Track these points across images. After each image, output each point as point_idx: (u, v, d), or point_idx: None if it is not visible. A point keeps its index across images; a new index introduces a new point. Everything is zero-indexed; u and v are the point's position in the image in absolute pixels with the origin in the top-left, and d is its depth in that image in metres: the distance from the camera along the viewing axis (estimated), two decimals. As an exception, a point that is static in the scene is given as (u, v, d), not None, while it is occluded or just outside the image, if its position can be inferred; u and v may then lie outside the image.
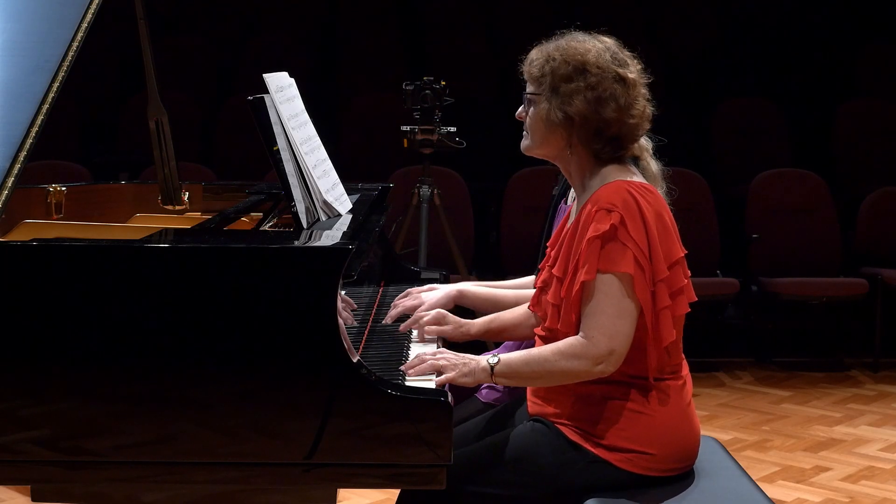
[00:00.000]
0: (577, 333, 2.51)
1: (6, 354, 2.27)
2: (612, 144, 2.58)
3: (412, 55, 8.49)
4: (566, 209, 2.90)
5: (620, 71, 2.56)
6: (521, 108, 2.66)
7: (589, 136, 2.57)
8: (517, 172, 6.67)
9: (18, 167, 2.62)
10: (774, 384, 6.32)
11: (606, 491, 2.52)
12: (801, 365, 6.69)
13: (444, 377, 2.48)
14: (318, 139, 3.07)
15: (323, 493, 2.33)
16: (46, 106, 2.71)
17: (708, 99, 8.05)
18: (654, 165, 3.10)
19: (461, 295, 3.01)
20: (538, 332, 2.70)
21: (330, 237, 2.64)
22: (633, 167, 2.64)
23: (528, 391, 2.71)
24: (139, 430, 2.27)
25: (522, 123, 2.67)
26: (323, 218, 2.87)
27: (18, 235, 3.10)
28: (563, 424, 2.57)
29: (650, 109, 2.63)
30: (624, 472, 2.53)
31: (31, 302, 2.27)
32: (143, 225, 3.24)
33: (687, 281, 2.59)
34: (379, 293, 3.30)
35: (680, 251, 2.57)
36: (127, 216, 3.57)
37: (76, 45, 2.82)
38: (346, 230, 2.70)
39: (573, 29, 2.67)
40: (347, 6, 9.06)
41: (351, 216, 2.92)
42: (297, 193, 2.78)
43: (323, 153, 3.07)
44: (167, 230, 2.87)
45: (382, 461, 2.27)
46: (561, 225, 2.77)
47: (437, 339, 2.84)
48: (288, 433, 2.26)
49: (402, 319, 2.94)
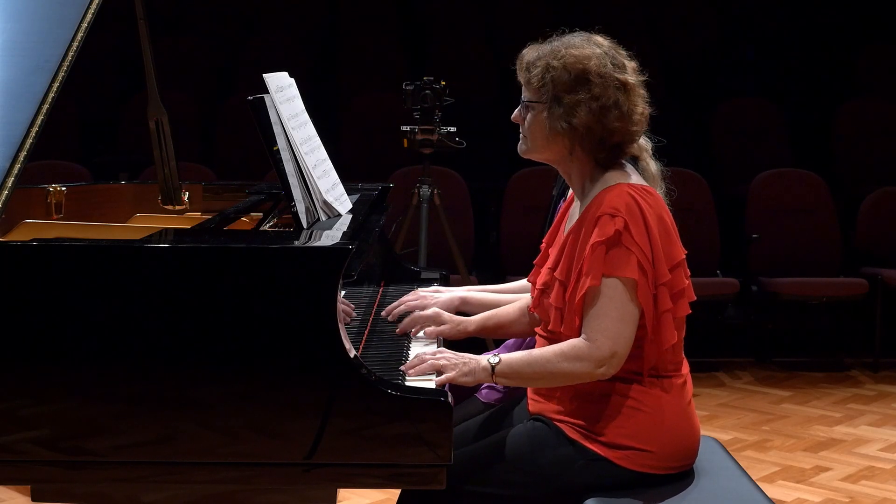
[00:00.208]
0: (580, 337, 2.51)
1: (6, 354, 2.27)
2: (614, 150, 2.58)
3: (412, 55, 8.49)
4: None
5: (621, 77, 2.55)
6: (517, 110, 2.65)
7: (593, 144, 2.57)
8: (517, 172, 6.67)
9: (18, 167, 2.62)
10: (774, 384, 6.32)
11: (606, 490, 2.52)
12: (801, 365, 6.69)
13: (444, 377, 2.48)
14: (318, 139, 3.07)
15: (323, 493, 2.33)
16: (46, 106, 2.71)
17: (708, 99, 8.05)
18: (653, 166, 3.09)
19: (464, 302, 3.01)
20: (539, 332, 2.70)
21: (330, 237, 2.64)
22: (629, 167, 2.64)
23: (528, 389, 2.71)
24: (139, 430, 2.27)
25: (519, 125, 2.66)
26: (323, 218, 2.87)
27: (18, 235, 3.10)
28: (562, 422, 2.58)
29: (648, 110, 2.62)
30: (624, 469, 2.53)
31: (31, 302, 2.27)
32: (143, 225, 3.24)
33: (688, 282, 2.59)
34: (379, 293, 3.30)
35: (681, 252, 2.57)
36: (127, 216, 3.57)
37: (76, 45, 2.82)
38: (346, 230, 2.70)
39: (566, 30, 2.65)
40: (347, 6, 9.06)
41: (351, 216, 2.92)
42: (297, 193, 2.78)
43: (323, 153, 3.07)
44: (167, 230, 2.87)
45: (382, 461, 2.28)
46: (556, 223, 2.77)
47: (436, 338, 2.84)
48: (288, 433, 2.26)
49: (401, 318, 2.94)
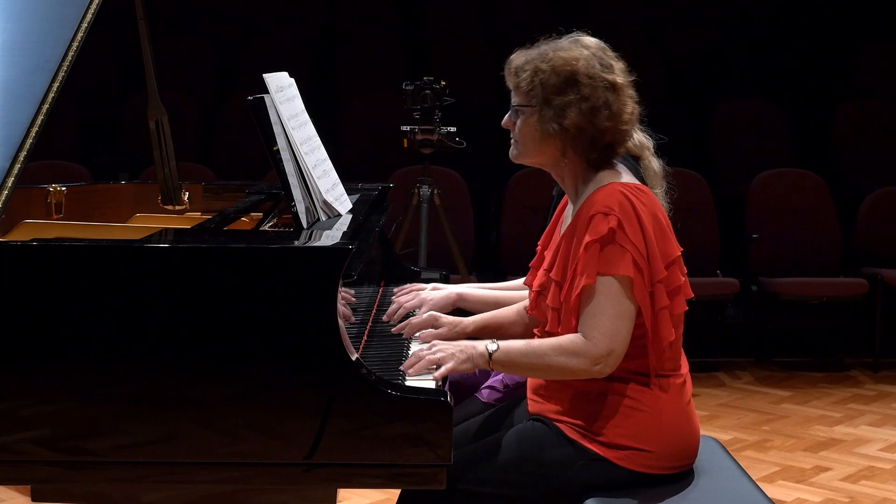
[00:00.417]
0: None
1: (6, 354, 2.27)
2: (606, 150, 2.58)
3: (412, 55, 8.49)
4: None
5: (609, 77, 2.55)
6: (507, 116, 2.65)
7: (584, 145, 2.57)
8: (517, 172, 6.66)
9: (18, 167, 2.62)
10: (774, 384, 6.32)
11: (606, 490, 2.52)
12: (801, 365, 6.69)
13: (443, 369, 2.48)
14: (318, 139, 3.07)
15: (323, 493, 2.33)
16: (46, 106, 2.71)
17: (708, 99, 8.05)
18: (655, 164, 3.09)
19: (461, 299, 3.01)
20: (537, 334, 2.70)
21: (330, 237, 2.64)
22: (621, 167, 2.64)
23: (527, 389, 2.72)
24: (139, 430, 2.27)
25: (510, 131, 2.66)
26: (323, 218, 2.87)
27: (18, 235, 3.10)
28: (562, 422, 2.58)
29: (638, 109, 2.62)
30: (623, 469, 2.53)
31: (31, 302, 2.27)
32: (143, 225, 3.24)
33: (684, 279, 2.59)
34: (379, 293, 3.30)
35: (676, 250, 2.58)
36: (127, 216, 3.57)
37: (76, 45, 2.82)
38: (346, 230, 2.70)
39: (554, 34, 2.65)
40: (347, 6, 9.06)
41: (351, 216, 2.92)
42: (297, 193, 2.78)
43: (323, 153, 3.07)
44: (167, 230, 2.87)
45: (382, 461, 2.28)
46: (552, 225, 2.77)
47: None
48: (288, 433, 2.26)
49: (402, 319, 2.94)
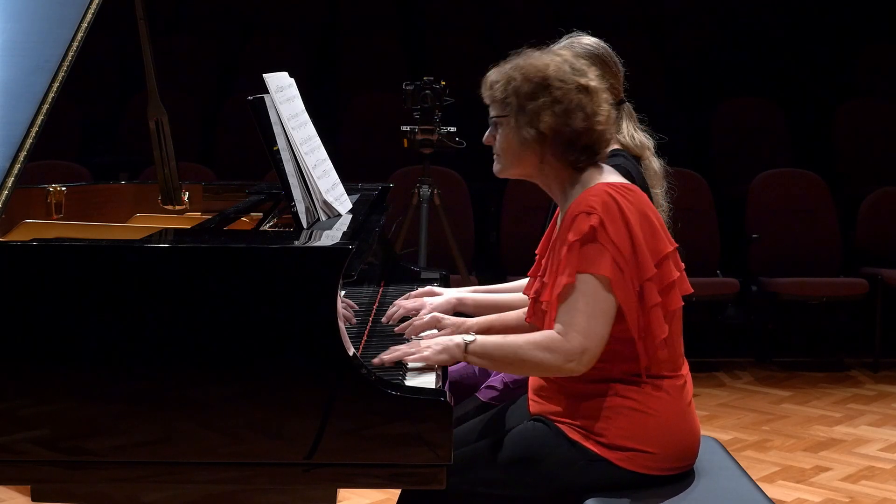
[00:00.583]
0: None
1: (6, 354, 2.27)
2: (586, 152, 2.59)
3: (412, 55, 8.49)
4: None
5: (582, 80, 2.57)
6: (487, 132, 2.66)
7: (562, 148, 2.58)
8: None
9: (18, 167, 2.62)
10: (774, 384, 6.32)
11: (606, 490, 2.52)
12: (801, 365, 6.69)
13: (417, 356, 2.50)
14: (318, 139, 3.07)
15: (323, 493, 2.33)
16: (46, 106, 2.71)
17: (708, 99, 8.05)
18: (655, 164, 3.10)
19: (461, 303, 3.02)
20: None
21: (330, 237, 2.64)
22: (607, 168, 2.65)
23: (529, 389, 2.71)
24: (139, 430, 2.27)
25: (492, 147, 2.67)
26: (323, 218, 2.87)
27: (18, 235, 3.10)
28: (563, 423, 2.58)
29: (614, 113, 2.64)
30: (624, 470, 2.53)
31: (31, 302, 2.27)
32: (143, 225, 3.24)
33: (679, 274, 2.59)
34: (379, 293, 3.30)
35: (668, 246, 2.57)
36: (127, 216, 3.57)
37: (76, 45, 2.82)
38: (346, 230, 2.70)
39: (527, 46, 2.67)
40: (347, 6, 9.06)
41: (351, 216, 2.92)
42: (297, 193, 2.78)
43: (323, 153, 3.07)
44: (167, 230, 2.87)
45: (382, 461, 2.28)
46: (548, 233, 2.77)
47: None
48: (288, 433, 2.26)
49: (402, 320, 2.94)
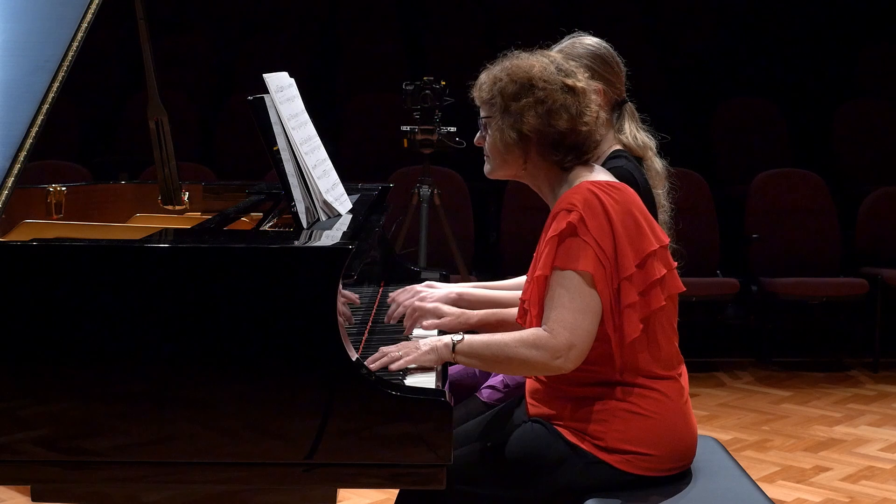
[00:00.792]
0: None
1: (6, 354, 2.27)
2: (573, 153, 2.59)
3: (412, 55, 8.49)
4: None
5: (568, 81, 2.58)
6: (478, 134, 2.68)
7: (547, 149, 2.58)
8: (517, 172, 6.66)
9: (18, 167, 2.62)
10: (774, 384, 6.32)
11: (605, 491, 2.52)
12: (801, 365, 6.70)
13: (402, 361, 2.49)
14: (318, 139, 3.07)
15: (323, 493, 2.33)
16: (46, 106, 2.71)
17: (708, 99, 8.06)
18: (657, 164, 3.09)
19: (460, 298, 3.01)
20: None
21: (330, 237, 2.64)
22: (598, 167, 2.65)
23: (526, 392, 2.71)
24: (139, 430, 2.27)
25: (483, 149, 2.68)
26: (323, 218, 2.87)
27: (18, 235, 3.10)
28: (561, 426, 2.57)
29: (604, 114, 2.64)
30: (623, 472, 2.53)
31: (31, 302, 2.27)
32: (143, 225, 3.24)
33: (666, 271, 2.57)
34: (379, 293, 3.30)
35: (653, 244, 2.54)
36: (127, 216, 3.56)
37: (76, 44, 2.82)
38: (346, 230, 2.70)
39: (513, 48, 2.68)
40: (347, 6, 9.07)
41: (351, 216, 2.92)
42: (297, 193, 2.78)
43: (323, 153, 3.07)
44: (167, 230, 2.87)
45: (382, 461, 2.27)
46: (543, 234, 2.77)
47: (435, 331, 2.83)
48: (288, 433, 2.26)
49: (402, 320, 2.93)
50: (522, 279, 3.13)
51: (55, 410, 2.27)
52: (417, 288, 3.02)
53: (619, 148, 3.01)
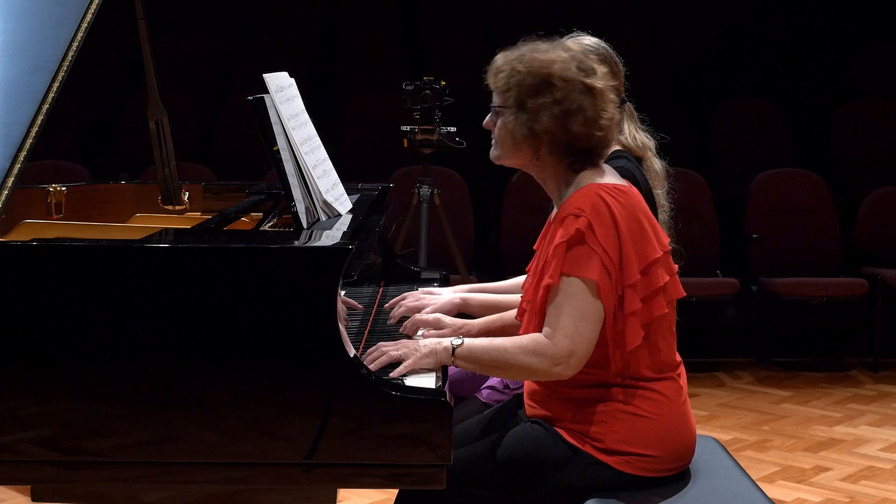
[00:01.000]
0: None
1: (6, 354, 2.27)
2: (584, 156, 2.56)
3: (412, 55, 8.49)
4: None
5: (587, 81, 2.53)
6: (488, 117, 2.63)
7: (559, 150, 2.55)
8: (517, 172, 6.66)
9: (18, 167, 2.62)
10: (774, 384, 6.32)
11: (605, 491, 2.52)
12: (801, 365, 6.69)
13: (401, 367, 2.47)
14: (318, 139, 3.07)
15: (323, 493, 2.33)
16: (46, 106, 2.71)
17: (708, 99, 8.05)
18: (657, 164, 3.09)
19: (464, 303, 3.00)
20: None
21: (330, 237, 2.64)
22: (606, 167, 2.62)
23: (524, 394, 2.71)
24: (139, 430, 2.27)
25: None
26: (323, 218, 2.87)
27: (18, 235, 3.10)
28: (560, 427, 2.57)
29: (618, 115, 2.60)
30: (623, 473, 2.53)
31: (31, 302, 2.27)
32: (143, 225, 3.24)
33: (668, 278, 2.56)
34: (379, 293, 3.30)
35: (657, 251, 2.53)
36: (127, 216, 3.57)
37: (76, 44, 2.82)
38: (346, 230, 2.70)
39: (535, 36, 2.63)
40: (347, 6, 9.06)
41: (351, 216, 2.92)
42: (297, 193, 2.78)
43: (323, 153, 3.06)
44: (167, 230, 2.87)
45: (382, 461, 2.27)
46: (543, 232, 2.77)
47: None
48: (288, 433, 2.26)
49: (403, 320, 2.93)
50: (523, 279, 3.13)
51: (55, 410, 2.27)
52: (419, 294, 3.01)
53: (618, 148, 3.01)
